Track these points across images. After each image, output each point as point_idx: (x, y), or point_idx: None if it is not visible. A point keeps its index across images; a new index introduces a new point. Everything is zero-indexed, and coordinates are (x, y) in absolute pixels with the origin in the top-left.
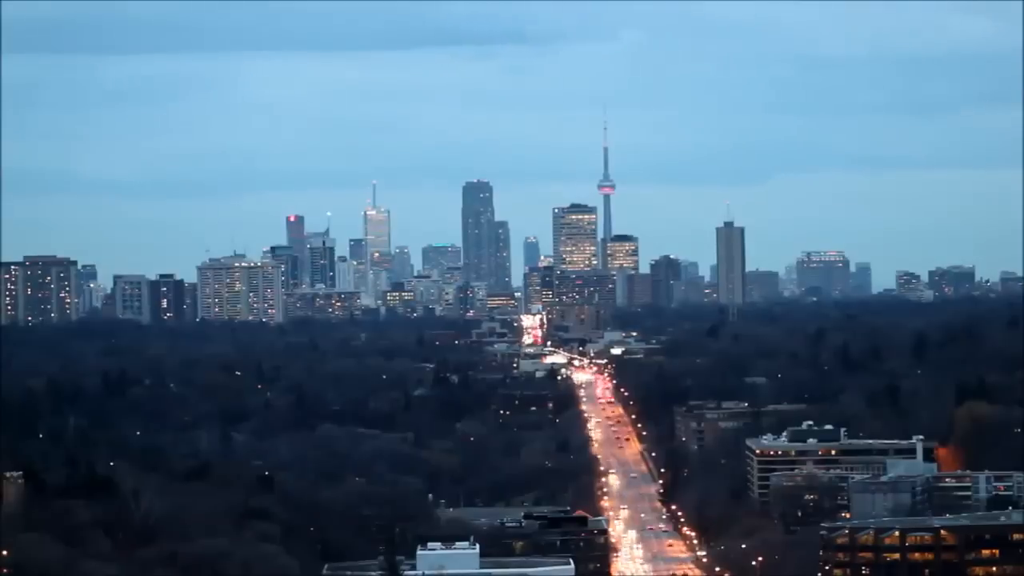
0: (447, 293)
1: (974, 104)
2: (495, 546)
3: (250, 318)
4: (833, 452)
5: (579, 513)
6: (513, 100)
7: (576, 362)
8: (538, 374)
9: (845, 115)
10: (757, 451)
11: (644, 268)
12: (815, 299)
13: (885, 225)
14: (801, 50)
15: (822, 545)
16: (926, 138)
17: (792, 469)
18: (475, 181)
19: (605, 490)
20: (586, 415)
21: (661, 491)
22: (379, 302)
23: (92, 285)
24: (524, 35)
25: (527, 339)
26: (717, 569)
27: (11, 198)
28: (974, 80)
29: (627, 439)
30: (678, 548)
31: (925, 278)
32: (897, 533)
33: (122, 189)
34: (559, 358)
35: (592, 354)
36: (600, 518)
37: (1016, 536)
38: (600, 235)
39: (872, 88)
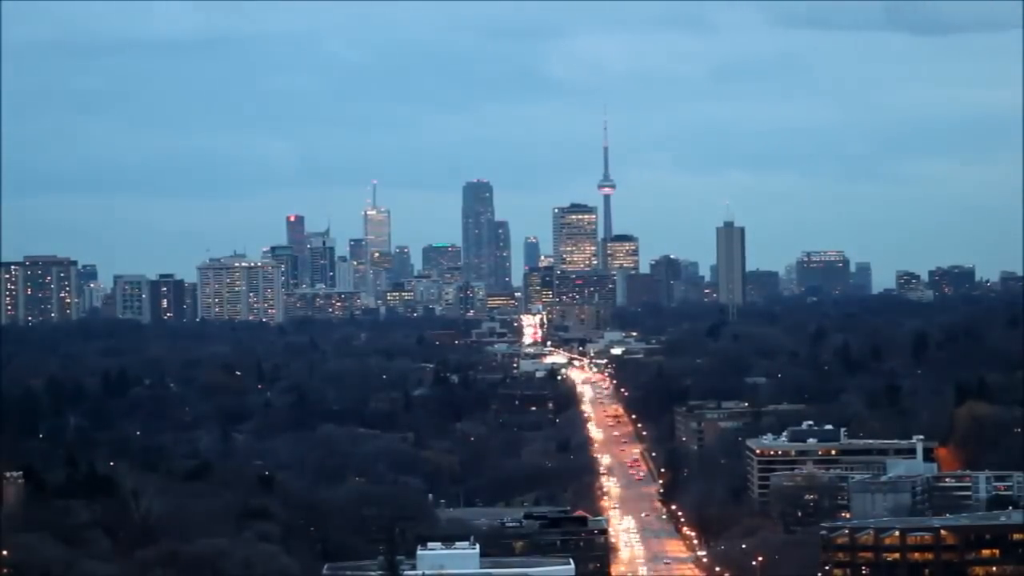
0: (447, 293)
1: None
2: (495, 546)
3: (250, 318)
4: (833, 452)
5: (579, 513)
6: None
7: (576, 362)
8: (538, 374)
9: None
10: (757, 451)
11: (644, 268)
12: (815, 299)
13: (885, 225)
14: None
15: (822, 545)
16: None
17: (792, 469)
18: (475, 181)
19: (605, 490)
20: (586, 415)
21: (661, 491)
22: (379, 302)
23: (92, 285)
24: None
25: (527, 339)
26: (717, 569)
27: (11, 198)
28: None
29: (627, 439)
30: (678, 548)
31: (925, 278)
32: (897, 533)
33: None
34: (559, 358)
35: (592, 354)
36: (600, 518)
37: (1016, 536)
38: (600, 235)
39: None
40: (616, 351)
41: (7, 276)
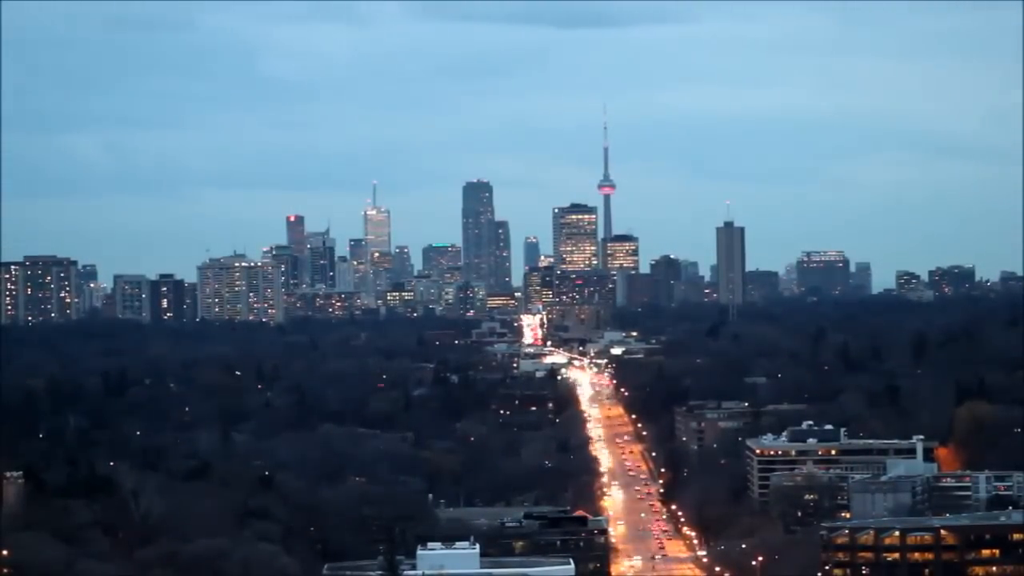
0: (447, 293)
1: None
2: (495, 546)
3: (250, 318)
4: (833, 452)
5: (579, 513)
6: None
7: (576, 362)
8: (538, 374)
9: None
10: (757, 451)
11: (644, 268)
12: (815, 299)
13: (885, 225)
14: None
15: (822, 545)
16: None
17: (792, 469)
18: (475, 181)
19: (605, 490)
20: (586, 415)
21: (661, 491)
22: (379, 302)
23: (92, 285)
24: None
25: (527, 339)
26: (717, 569)
27: (11, 198)
28: None
29: (627, 439)
30: (678, 548)
31: (925, 278)
32: (897, 533)
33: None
34: (559, 358)
35: (592, 354)
36: (600, 518)
37: (1016, 536)
38: (600, 235)
39: None
40: (616, 351)
41: (7, 276)
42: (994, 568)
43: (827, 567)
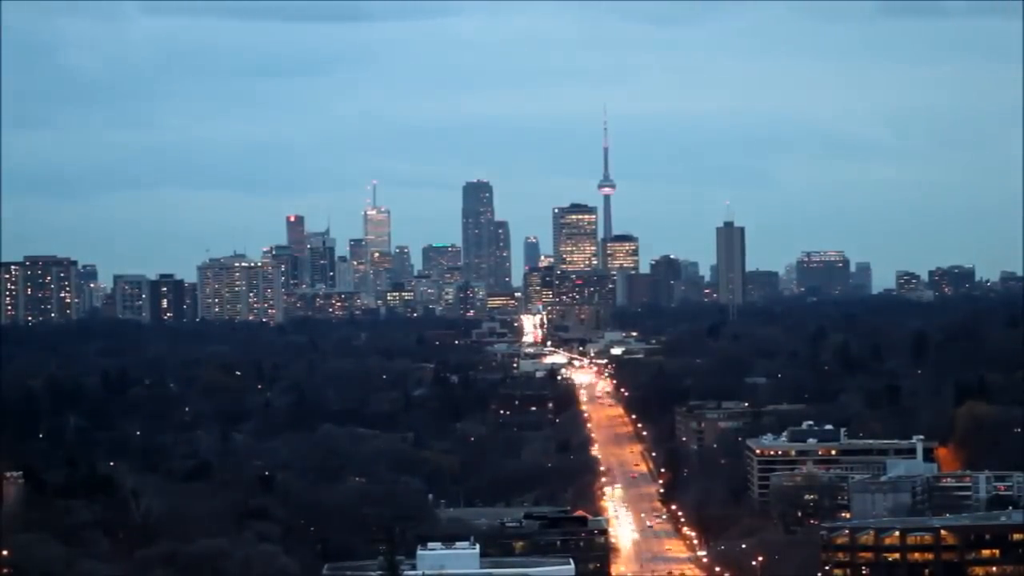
0: (447, 293)
1: None
2: (495, 546)
3: (250, 318)
4: (833, 452)
5: (579, 513)
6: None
7: (576, 362)
8: (538, 374)
9: None
10: (757, 451)
11: (644, 268)
12: (815, 299)
13: (885, 225)
14: None
15: (822, 545)
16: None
17: (792, 469)
18: (475, 181)
19: (605, 490)
20: (586, 415)
21: (661, 491)
22: (379, 302)
23: (92, 285)
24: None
25: (527, 339)
26: (717, 569)
27: (11, 198)
28: None
29: (627, 439)
30: (678, 548)
31: (925, 278)
32: (897, 533)
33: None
34: (559, 358)
35: (592, 354)
36: (600, 518)
37: (1016, 536)
38: (600, 235)
39: None
40: (616, 351)
41: (7, 276)
42: (994, 568)
43: (827, 567)
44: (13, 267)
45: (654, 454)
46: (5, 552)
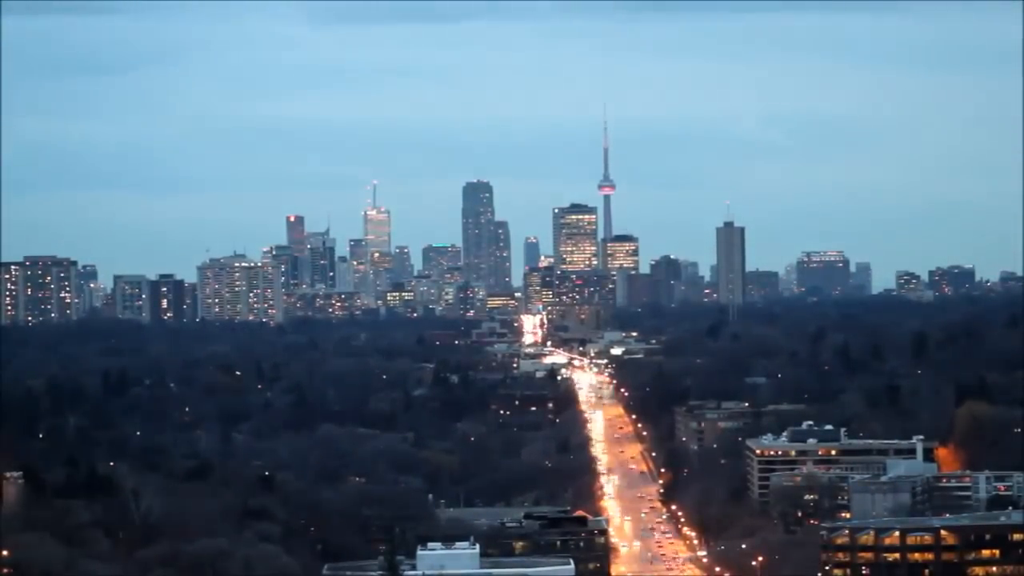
0: (447, 293)
1: None
2: (495, 546)
3: (250, 318)
4: (833, 452)
5: (579, 513)
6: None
7: (576, 362)
8: (538, 374)
9: None
10: (757, 451)
11: (644, 268)
12: (815, 299)
13: (885, 225)
14: None
15: (822, 545)
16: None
17: (792, 469)
18: (475, 181)
19: (605, 490)
20: (586, 415)
21: (661, 491)
22: (379, 302)
23: (92, 285)
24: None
25: (527, 339)
26: (717, 569)
27: (11, 198)
28: None
29: (627, 439)
30: (678, 548)
31: (925, 278)
32: (897, 533)
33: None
34: (559, 358)
35: (592, 354)
36: (600, 518)
37: (1016, 536)
38: (600, 235)
39: None
40: (616, 351)
41: (7, 276)
42: (994, 568)
43: (827, 567)
44: (13, 267)
45: (654, 454)
46: (5, 552)
